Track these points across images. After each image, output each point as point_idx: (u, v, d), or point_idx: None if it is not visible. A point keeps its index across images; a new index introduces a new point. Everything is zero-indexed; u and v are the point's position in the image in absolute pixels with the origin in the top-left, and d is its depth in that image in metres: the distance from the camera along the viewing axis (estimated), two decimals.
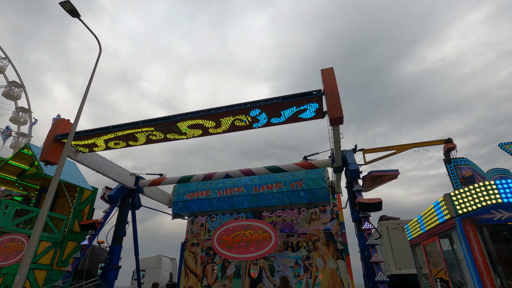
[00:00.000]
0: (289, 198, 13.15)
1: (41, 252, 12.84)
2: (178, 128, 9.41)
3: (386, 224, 11.49)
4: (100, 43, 10.81)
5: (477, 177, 12.15)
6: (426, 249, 5.99)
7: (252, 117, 8.69)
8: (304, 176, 13.48)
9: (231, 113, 8.59)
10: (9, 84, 36.36)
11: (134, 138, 10.11)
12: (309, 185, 13.11)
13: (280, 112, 8.50)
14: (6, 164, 14.48)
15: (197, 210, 14.73)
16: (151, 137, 9.92)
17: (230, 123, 8.92)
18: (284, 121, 8.87)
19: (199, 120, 9.01)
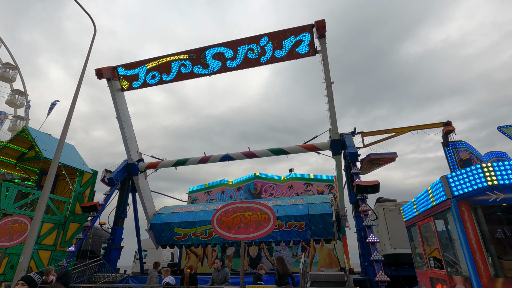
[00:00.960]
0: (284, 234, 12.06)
1: (44, 233, 13.10)
2: (204, 57, 11.80)
3: (383, 206, 11.68)
4: (95, 24, 10.51)
5: (474, 160, 12.26)
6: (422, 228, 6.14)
7: (261, 46, 11.18)
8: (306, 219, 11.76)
9: (246, 40, 11.27)
10: (3, 66, 35.67)
11: (168, 69, 12.39)
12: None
13: (282, 43, 10.92)
14: (5, 147, 14.47)
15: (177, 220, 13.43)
16: (182, 68, 12.26)
17: (245, 53, 11.38)
18: (285, 56, 11.07)
19: (222, 48, 11.64)
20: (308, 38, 10.67)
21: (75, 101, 8.84)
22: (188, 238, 13.12)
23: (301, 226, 11.77)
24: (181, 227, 13.20)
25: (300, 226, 11.79)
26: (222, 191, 19.38)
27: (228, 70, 11.84)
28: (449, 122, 12.51)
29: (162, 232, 13.52)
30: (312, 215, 11.64)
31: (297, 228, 11.82)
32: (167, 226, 13.40)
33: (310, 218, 11.66)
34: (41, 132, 15.31)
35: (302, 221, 11.75)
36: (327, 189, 17.15)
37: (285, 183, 17.85)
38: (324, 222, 11.57)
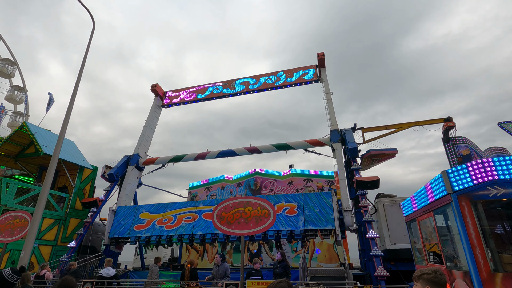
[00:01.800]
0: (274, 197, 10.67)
1: (45, 228, 13.14)
2: (234, 85, 15.95)
3: (383, 202, 11.70)
4: (94, 19, 10.43)
5: (475, 156, 12.26)
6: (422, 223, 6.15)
7: (277, 76, 15.45)
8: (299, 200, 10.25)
9: (267, 74, 15.92)
10: (2, 62, 35.50)
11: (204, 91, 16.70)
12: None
13: (293, 74, 15.28)
14: (5, 143, 14.45)
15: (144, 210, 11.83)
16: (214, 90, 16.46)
17: (264, 80, 15.61)
18: (295, 81, 15.07)
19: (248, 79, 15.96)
20: (313, 71, 15.01)
21: (74, 97, 8.81)
22: (151, 227, 11.28)
23: (293, 209, 9.89)
24: (150, 212, 11.61)
25: (291, 210, 9.89)
26: (222, 187, 19.41)
27: (250, 91, 15.76)
28: (450, 118, 12.48)
29: (125, 218, 11.81)
30: (307, 194, 10.18)
31: (287, 212, 9.90)
32: (134, 211, 11.86)
33: (304, 199, 9.89)
34: (41, 128, 15.28)
35: (294, 202, 10.01)
36: (327, 185, 17.18)
37: (285, 179, 17.88)
38: (321, 204, 9.70)
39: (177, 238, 10.76)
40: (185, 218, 11.11)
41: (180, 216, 11.12)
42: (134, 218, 11.66)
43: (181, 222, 10.98)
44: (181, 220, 11.04)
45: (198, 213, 11.02)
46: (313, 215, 9.65)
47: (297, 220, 9.71)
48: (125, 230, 11.52)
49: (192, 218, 10.99)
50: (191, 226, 10.78)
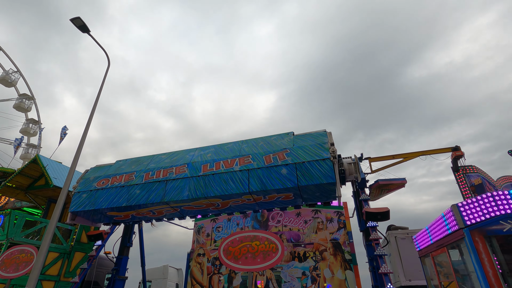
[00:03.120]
0: (261, 180, 7.51)
1: (49, 263, 12.93)
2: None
3: (395, 234, 11.32)
4: (109, 57, 11.11)
5: (487, 185, 11.97)
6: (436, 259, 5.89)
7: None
8: (289, 144, 8.04)
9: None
10: (20, 97, 37.33)
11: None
12: (298, 157, 7.53)
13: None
14: (17, 175, 14.76)
15: (107, 206, 9.21)
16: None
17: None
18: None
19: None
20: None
21: (85, 134, 9.14)
22: (132, 217, 10.03)
23: (288, 196, 7.88)
24: (116, 211, 9.67)
25: (286, 197, 7.95)
26: (229, 218, 19.09)
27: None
28: (458, 147, 12.40)
29: (94, 215, 10.24)
30: (304, 186, 7.24)
31: (281, 199, 8.05)
32: (97, 212, 9.98)
33: (301, 189, 7.45)
34: (52, 160, 15.66)
35: (289, 192, 7.66)
36: (336, 216, 16.76)
37: (293, 210, 17.54)
38: (322, 190, 7.55)
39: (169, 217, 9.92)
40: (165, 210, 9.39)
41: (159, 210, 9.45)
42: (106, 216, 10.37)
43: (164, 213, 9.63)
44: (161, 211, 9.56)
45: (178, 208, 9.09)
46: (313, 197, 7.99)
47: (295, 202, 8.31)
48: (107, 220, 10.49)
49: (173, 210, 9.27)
50: (178, 214, 9.50)
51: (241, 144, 8.85)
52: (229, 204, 8.36)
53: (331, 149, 7.48)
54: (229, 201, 8.15)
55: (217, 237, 16.12)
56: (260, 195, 7.68)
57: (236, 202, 8.23)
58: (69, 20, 9.46)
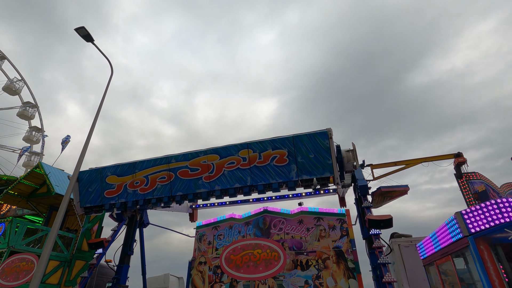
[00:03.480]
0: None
1: (50, 271, 12.85)
2: None
3: (398, 242, 11.18)
4: (112, 65, 11.24)
5: (491, 192, 11.86)
6: (441, 268, 5.80)
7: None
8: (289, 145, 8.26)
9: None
10: (23, 105, 37.68)
11: None
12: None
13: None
14: (19, 183, 14.79)
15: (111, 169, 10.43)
16: None
17: None
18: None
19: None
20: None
21: (88, 142, 9.19)
22: (123, 192, 10.10)
23: (282, 157, 8.06)
24: (116, 174, 10.15)
25: (280, 158, 8.06)
26: (230, 226, 18.95)
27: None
28: (460, 153, 12.34)
29: (91, 185, 10.45)
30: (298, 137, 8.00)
31: (276, 161, 8.11)
32: (98, 175, 10.40)
33: (295, 143, 7.97)
34: (55, 168, 15.71)
35: (284, 148, 8.09)
36: (338, 224, 16.62)
37: (295, 217, 17.41)
38: (316, 148, 7.91)
39: (155, 200, 9.54)
40: (159, 178, 9.57)
41: (153, 176, 9.67)
42: (102, 184, 10.40)
43: (156, 184, 9.62)
44: (155, 181, 9.63)
45: (173, 172, 9.40)
46: (307, 162, 7.99)
47: (289, 170, 8.08)
48: (95, 198, 10.32)
49: (167, 178, 9.42)
50: (168, 187, 9.36)
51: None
52: (223, 169, 8.37)
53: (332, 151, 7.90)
54: (225, 162, 8.32)
55: (219, 245, 16.00)
56: (256, 151, 8.03)
57: (231, 165, 8.29)
58: (73, 30, 9.63)
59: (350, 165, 8.58)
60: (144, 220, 14.33)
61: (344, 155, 8.53)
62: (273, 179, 8.09)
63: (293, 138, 8.05)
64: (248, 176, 8.18)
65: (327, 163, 7.83)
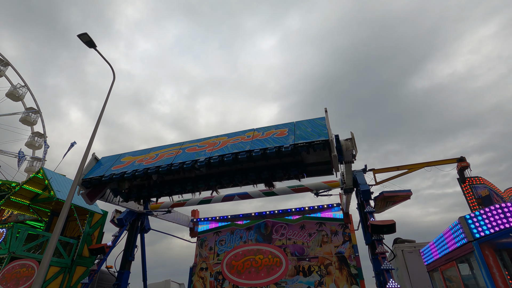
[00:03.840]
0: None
1: (50, 277, 12.76)
2: None
3: (401, 247, 11.05)
4: (114, 71, 11.32)
5: (494, 197, 11.73)
6: (445, 274, 5.71)
7: None
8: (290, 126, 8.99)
9: None
10: (26, 111, 37.92)
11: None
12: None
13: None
14: (20, 188, 14.80)
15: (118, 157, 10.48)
16: None
17: None
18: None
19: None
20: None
21: (90, 147, 9.20)
22: (130, 165, 10.05)
23: (283, 132, 8.70)
24: (132, 155, 10.50)
25: (281, 133, 8.70)
26: (232, 231, 18.83)
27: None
28: (463, 158, 12.25)
29: (106, 163, 10.62)
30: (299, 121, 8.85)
31: (276, 135, 8.74)
32: (117, 157, 10.73)
33: (296, 124, 8.82)
34: (56, 173, 15.72)
35: (285, 127, 8.85)
36: (340, 229, 16.48)
37: (297, 223, 17.28)
38: (314, 125, 8.49)
39: (155, 169, 9.29)
40: (168, 154, 9.83)
41: (163, 153, 9.95)
42: (115, 162, 10.47)
43: (163, 157, 9.76)
44: (163, 156, 9.83)
45: (182, 149, 9.71)
46: (305, 133, 8.38)
47: (287, 139, 8.41)
48: (102, 171, 10.17)
49: (175, 153, 9.65)
50: (172, 158, 9.46)
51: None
52: (227, 144, 8.80)
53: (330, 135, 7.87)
54: (230, 140, 8.86)
55: (220, 250, 15.86)
56: (260, 131, 8.87)
57: (235, 140, 8.81)
58: (76, 36, 9.72)
59: (349, 154, 8.52)
60: (146, 226, 14.27)
61: (342, 143, 8.57)
62: (270, 145, 8.25)
63: (294, 123, 8.88)
64: (247, 144, 8.56)
65: (323, 132, 8.02)
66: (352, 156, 8.69)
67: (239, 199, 12.83)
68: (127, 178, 9.31)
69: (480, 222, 4.08)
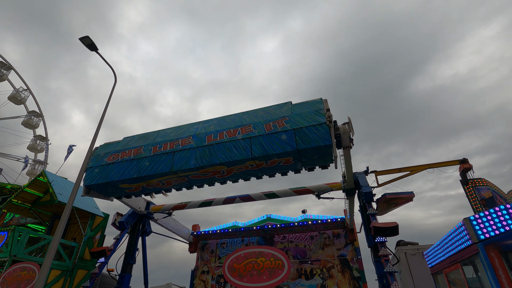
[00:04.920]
0: (262, 146, 8.04)
1: (51, 281, 12.71)
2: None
3: (404, 250, 10.97)
4: (116, 74, 11.35)
5: (498, 199, 11.65)
6: (449, 276, 5.64)
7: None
8: (288, 112, 8.51)
9: None
10: (28, 114, 38.10)
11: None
12: (296, 123, 8.04)
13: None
14: (22, 191, 14.81)
15: (118, 178, 9.62)
16: None
17: None
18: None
19: None
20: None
21: (91, 149, 9.20)
22: (143, 189, 10.21)
23: (288, 161, 8.32)
24: (127, 183, 9.99)
25: (286, 161, 8.36)
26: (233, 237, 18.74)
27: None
28: (465, 159, 12.18)
29: (107, 189, 10.43)
30: (303, 150, 7.78)
31: (282, 163, 8.47)
32: (110, 185, 10.18)
33: (300, 153, 8.00)
34: (58, 176, 15.73)
35: (289, 156, 8.17)
36: (343, 232, 16.38)
37: None
38: (319, 153, 7.97)
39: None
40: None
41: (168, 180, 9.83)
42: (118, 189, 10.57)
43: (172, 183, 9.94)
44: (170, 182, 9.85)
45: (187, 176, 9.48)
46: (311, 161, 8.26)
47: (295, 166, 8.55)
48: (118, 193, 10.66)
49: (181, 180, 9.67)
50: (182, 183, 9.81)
51: (242, 115, 9.33)
52: (234, 171, 8.66)
53: (327, 114, 7.84)
54: (234, 168, 8.53)
55: (222, 253, 15.80)
56: (262, 160, 8.16)
57: (240, 169, 8.58)
58: (79, 35, 9.76)
59: (347, 138, 8.47)
60: (147, 229, 14.24)
61: (340, 127, 8.56)
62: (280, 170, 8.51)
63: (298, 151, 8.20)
64: (258, 172, 8.62)
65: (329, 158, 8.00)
66: (350, 140, 8.67)
67: (241, 201, 12.75)
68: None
69: (485, 223, 4.03)
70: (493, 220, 4.06)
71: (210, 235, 15.80)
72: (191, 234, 15.97)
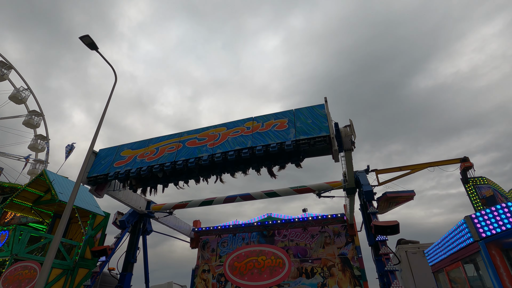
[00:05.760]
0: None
1: (52, 280, 12.75)
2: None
3: (405, 248, 10.96)
4: (116, 73, 11.34)
5: (499, 197, 11.62)
6: (450, 275, 5.63)
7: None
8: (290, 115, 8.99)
9: None
10: (29, 113, 38.12)
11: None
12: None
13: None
14: (23, 191, 14.84)
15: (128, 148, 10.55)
16: None
17: None
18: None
19: None
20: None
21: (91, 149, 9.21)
22: (131, 162, 10.26)
23: (283, 124, 8.72)
24: (131, 148, 10.60)
25: (281, 125, 8.74)
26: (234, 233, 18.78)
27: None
28: (466, 158, 12.15)
29: (105, 158, 10.79)
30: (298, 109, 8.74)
31: (276, 127, 8.78)
32: (115, 151, 10.82)
33: (296, 113, 8.71)
34: (59, 175, 15.75)
35: (285, 117, 8.84)
36: (343, 230, 16.38)
37: None
38: (313, 115, 8.50)
39: (159, 167, 9.58)
40: (168, 148, 9.96)
41: (163, 147, 10.09)
42: (115, 156, 10.66)
43: (164, 153, 9.91)
44: (163, 151, 9.98)
45: (182, 142, 9.90)
46: (305, 126, 8.45)
47: (288, 133, 8.53)
48: (104, 168, 10.41)
49: (175, 147, 9.83)
50: (174, 154, 9.64)
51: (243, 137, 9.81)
52: (227, 137, 9.03)
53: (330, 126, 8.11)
54: (230, 132, 9.00)
55: (222, 252, 15.79)
56: (260, 121, 8.90)
57: (235, 133, 8.95)
58: (80, 34, 9.75)
59: (348, 141, 8.53)
60: (148, 228, 14.24)
61: (341, 130, 8.65)
62: (272, 141, 8.47)
63: (294, 111, 8.89)
64: (249, 139, 8.67)
65: (324, 125, 8.18)
66: (351, 143, 8.67)
67: (241, 200, 12.72)
68: (132, 177, 9.73)
69: (487, 221, 4.02)
70: (494, 218, 4.05)
71: (211, 231, 15.80)
72: (192, 230, 15.99)
